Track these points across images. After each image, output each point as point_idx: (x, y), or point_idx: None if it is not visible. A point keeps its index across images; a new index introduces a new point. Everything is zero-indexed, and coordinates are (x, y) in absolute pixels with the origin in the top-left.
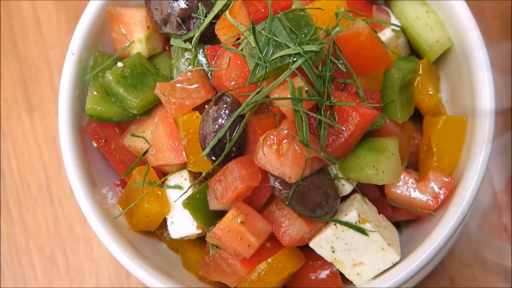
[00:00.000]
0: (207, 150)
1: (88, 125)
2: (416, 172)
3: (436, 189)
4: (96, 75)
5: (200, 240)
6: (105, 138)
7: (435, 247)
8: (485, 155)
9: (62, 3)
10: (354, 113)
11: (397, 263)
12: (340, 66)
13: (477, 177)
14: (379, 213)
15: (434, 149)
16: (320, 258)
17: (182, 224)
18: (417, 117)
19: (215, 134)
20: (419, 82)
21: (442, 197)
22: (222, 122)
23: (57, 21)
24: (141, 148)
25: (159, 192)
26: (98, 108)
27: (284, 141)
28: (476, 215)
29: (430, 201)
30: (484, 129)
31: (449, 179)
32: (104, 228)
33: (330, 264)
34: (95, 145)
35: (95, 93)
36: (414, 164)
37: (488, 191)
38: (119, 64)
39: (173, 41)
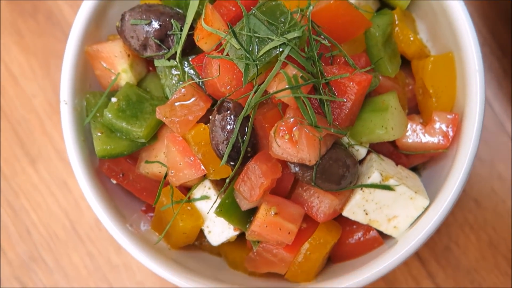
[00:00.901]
0: (225, 158)
1: (101, 166)
2: (419, 115)
3: (444, 128)
4: (94, 116)
5: (238, 237)
6: (121, 172)
7: (460, 181)
8: (481, 83)
9: (30, 50)
10: (351, 83)
11: (428, 206)
12: (323, 41)
13: (479, 106)
14: (397, 164)
15: (431, 91)
16: (354, 222)
17: (219, 230)
18: (404, 62)
19: (227, 141)
20: (399, 32)
21: (451, 134)
22: (231, 128)
23: (30, 69)
24: (159, 172)
25: (189, 208)
26: (107, 147)
27: (294, 129)
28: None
29: (441, 141)
30: (472, 59)
31: (453, 115)
32: (147, 256)
33: (366, 225)
34: (114, 182)
35: (99, 134)
36: (414, 108)
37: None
38: (113, 99)
39: (157, 62)
